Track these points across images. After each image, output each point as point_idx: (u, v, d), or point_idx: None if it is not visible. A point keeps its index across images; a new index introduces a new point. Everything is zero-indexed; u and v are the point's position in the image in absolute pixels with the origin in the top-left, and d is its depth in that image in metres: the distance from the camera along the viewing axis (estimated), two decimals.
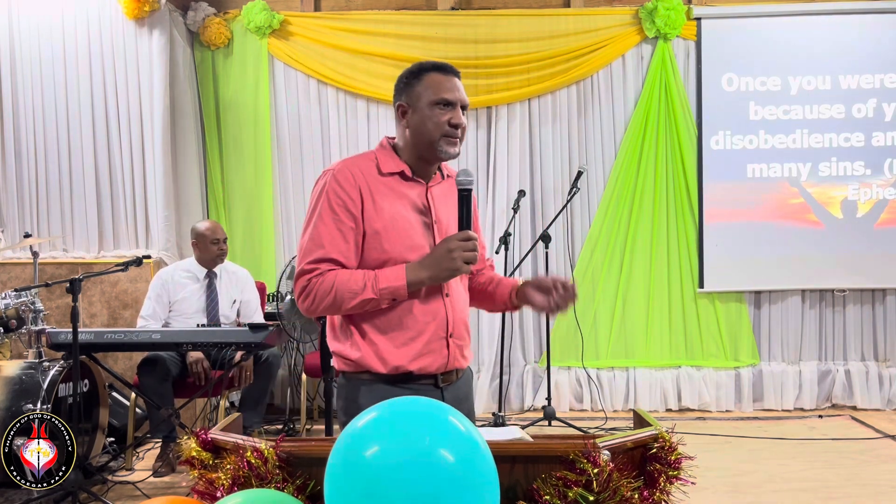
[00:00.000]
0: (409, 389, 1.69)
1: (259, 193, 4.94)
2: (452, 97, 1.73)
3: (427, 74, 1.75)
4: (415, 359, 1.70)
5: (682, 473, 1.28)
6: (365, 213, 1.69)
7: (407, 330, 1.69)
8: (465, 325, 1.81)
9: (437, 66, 1.77)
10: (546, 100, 4.95)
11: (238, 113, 4.95)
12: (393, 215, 1.70)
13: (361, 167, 1.74)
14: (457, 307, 1.78)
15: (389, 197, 1.72)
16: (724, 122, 4.89)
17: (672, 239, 4.93)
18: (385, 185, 1.73)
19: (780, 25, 4.85)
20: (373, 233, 1.69)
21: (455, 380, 1.81)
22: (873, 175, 4.87)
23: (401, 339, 1.69)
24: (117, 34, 4.59)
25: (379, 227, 1.69)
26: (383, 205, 1.70)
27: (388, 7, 4.96)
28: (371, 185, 1.72)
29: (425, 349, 1.71)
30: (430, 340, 1.71)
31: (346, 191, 1.69)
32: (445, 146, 1.73)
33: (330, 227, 1.68)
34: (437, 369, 1.73)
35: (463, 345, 1.79)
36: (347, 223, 1.68)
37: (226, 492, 1.22)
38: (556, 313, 1.81)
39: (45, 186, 4.66)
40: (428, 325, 1.71)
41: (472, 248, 1.65)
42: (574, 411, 4.91)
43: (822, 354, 5.00)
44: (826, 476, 3.63)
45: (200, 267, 3.97)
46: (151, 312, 3.85)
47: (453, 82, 1.76)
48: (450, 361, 1.75)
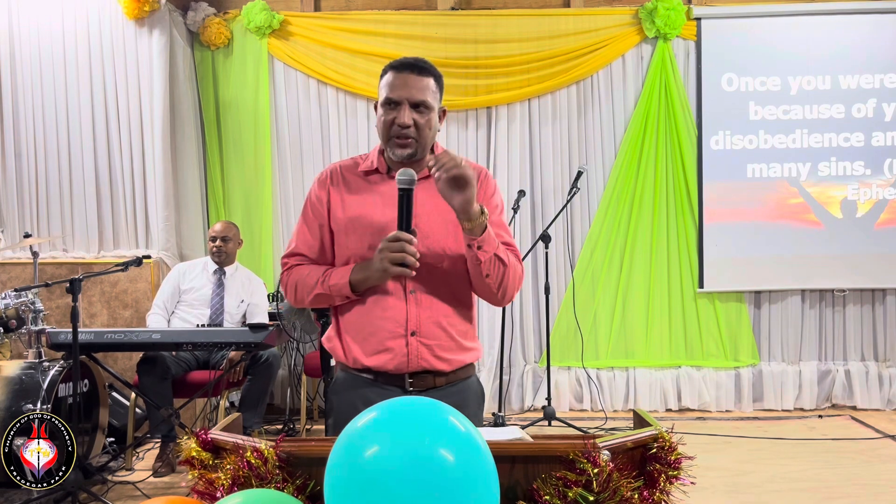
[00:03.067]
0: (376, 387, 1.71)
1: (259, 193, 4.94)
2: (396, 95, 1.66)
3: (385, 74, 1.72)
4: (371, 355, 1.70)
5: (682, 473, 1.28)
6: (331, 211, 1.76)
7: (365, 326, 1.71)
8: (443, 325, 1.71)
9: (395, 64, 1.71)
10: (546, 100, 4.95)
11: (238, 113, 4.96)
12: (359, 214, 1.72)
13: (345, 166, 1.80)
14: (428, 306, 1.70)
15: (363, 195, 1.74)
16: (724, 122, 4.89)
17: (672, 239, 4.94)
18: (365, 183, 1.76)
19: (780, 25, 4.85)
20: (338, 230, 1.75)
21: (435, 385, 1.71)
22: (873, 175, 4.87)
23: (360, 334, 1.72)
24: (117, 34, 4.59)
25: (342, 225, 1.74)
26: (352, 203, 1.74)
27: (388, 7, 4.96)
28: (347, 183, 1.76)
29: (380, 346, 1.69)
30: (385, 338, 1.69)
31: (316, 190, 1.79)
32: (394, 148, 1.70)
33: (301, 224, 1.81)
34: (396, 368, 1.68)
35: (434, 345, 1.70)
36: (315, 220, 1.78)
37: (226, 492, 1.22)
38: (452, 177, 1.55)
39: (45, 186, 4.66)
40: (384, 323, 1.69)
41: (398, 248, 1.57)
42: (574, 411, 4.91)
43: (821, 354, 5.00)
44: (826, 476, 3.63)
45: (213, 263, 4.13)
46: (162, 303, 4.05)
47: (404, 79, 1.67)
48: (411, 361, 1.68)
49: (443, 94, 1.78)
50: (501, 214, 1.81)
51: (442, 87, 1.77)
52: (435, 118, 1.73)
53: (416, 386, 1.70)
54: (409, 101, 1.66)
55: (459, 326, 1.75)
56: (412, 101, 1.67)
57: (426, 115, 1.69)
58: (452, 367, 1.74)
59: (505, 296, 1.73)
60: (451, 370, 1.74)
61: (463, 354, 1.76)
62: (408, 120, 1.66)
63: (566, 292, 4.93)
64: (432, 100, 1.70)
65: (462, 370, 1.78)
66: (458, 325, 1.75)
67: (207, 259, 4.18)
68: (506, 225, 1.80)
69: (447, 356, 1.72)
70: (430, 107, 1.69)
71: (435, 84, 1.72)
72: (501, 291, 1.71)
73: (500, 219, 1.78)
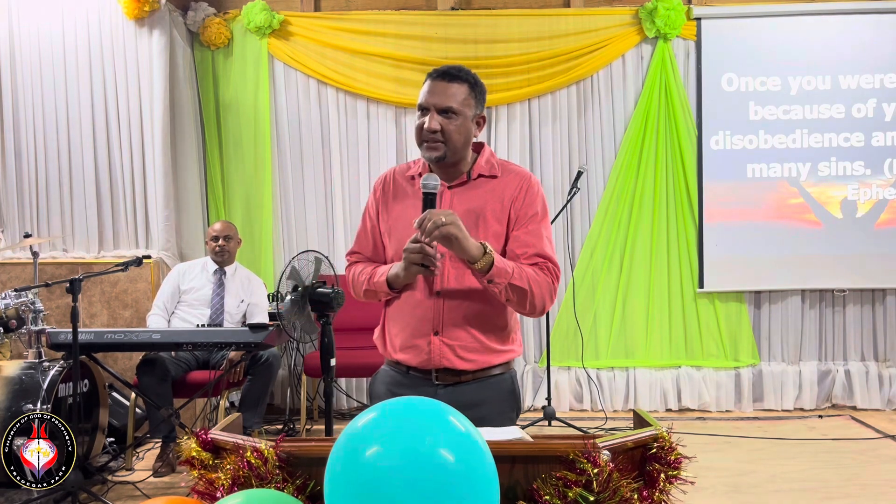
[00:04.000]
0: (408, 379, 1.83)
1: (259, 193, 4.94)
2: (424, 102, 1.78)
3: (424, 82, 1.82)
4: (400, 350, 1.82)
5: (681, 473, 1.28)
6: (380, 214, 1.90)
7: (398, 322, 1.83)
8: (468, 326, 1.76)
9: (431, 72, 1.81)
10: (546, 100, 4.95)
11: (238, 113, 4.95)
12: (400, 215, 1.84)
13: (398, 170, 1.93)
14: (454, 307, 1.76)
15: (407, 198, 1.85)
16: (724, 122, 4.89)
17: (672, 239, 4.93)
18: (409, 187, 1.87)
19: (780, 25, 4.85)
20: (385, 231, 1.88)
21: (461, 382, 1.78)
22: (873, 175, 4.87)
23: (395, 329, 1.84)
24: (117, 34, 4.58)
25: (387, 227, 1.87)
26: (396, 206, 1.86)
27: (388, 7, 4.96)
28: (397, 187, 1.89)
29: (408, 343, 1.80)
30: (413, 335, 1.79)
31: (373, 194, 1.94)
32: (424, 151, 1.80)
33: (360, 226, 1.97)
34: (420, 364, 1.78)
35: (457, 345, 1.76)
36: (368, 222, 1.93)
37: (226, 492, 1.22)
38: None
39: (45, 186, 4.66)
40: (413, 321, 1.79)
41: (416, 250, 1.65)
42: (574, 411, 4.91)
43: (822, 354, 4.99)
44: (826, 476, 3.63)
45: (213, 263, 4.13)
46: (162, 304, 4.05)
47: (432, 86, 1.77)
48: (433, 359, 1.76)
49: (483, 100, 1.83)
50: (542, 222, 1.82)
51: (479, 93, 1.82)
52: (467, 124, 1.78)
53: (442, 380, 1.79)
54: (436, 107, 1.75)
55: (488, 329, 1.79)
56: (438, 108, 1.75)
57: (455, 121, 1.76)
58: (477, 367, 1.79)
59: (534, 311, 1.78)
60: (476, 369, 1.79)
61: (490, 356, 1.80)
62: (434, 125, 1.75)
63: (566, 292, 4.93)
64: (462, 106, 1.77)
65: (490, 369, 1.81)
66: (486, 327, 1.79)
67: (207, 259, 4.18)
68: (542, 233, 1.81)
69: (470, 357, 1.77)
70: (458, 112, 1.76)
71: (469, 90, 1.79)
72: (529, 309, 1.77)
73: (538, 227, 1.81)
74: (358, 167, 4.97)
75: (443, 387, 1.78)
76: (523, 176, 1.84)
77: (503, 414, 1.81)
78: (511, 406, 1.86)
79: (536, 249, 1.77)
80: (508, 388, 1.85)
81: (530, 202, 1.81)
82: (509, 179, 1.82)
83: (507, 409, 1.84)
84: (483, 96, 1.83)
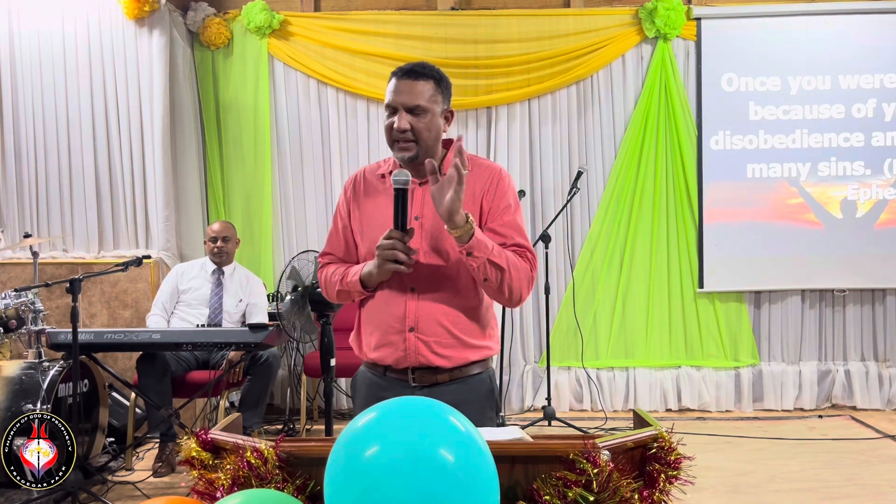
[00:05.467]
0: (385, 381, 1.80)
1: (259, 193, 4.94)
2: (391, 101, 1.75)
3: (389, 81, 1.78)
4: (375, 349, 1.80)
5: (681, 473, 1.28)
6: (351, 213, 1.88)
7: (373, 321, 1.81)
8: (444, 322, 1.74)
9: (395, 71, 1.78)
10: (546, 100, 4.95)
11: (238, 113, 4.95)
12: (371, 214, 1.83)
13: (368, 170, 1.91)
14: (429, 303, 1.74)
15: (379, 196, 1.83)
16: (724, 122, 4.89)
17: (672, 239, 4.93)
18: (380, 185, 1.85)
19: (780, 25, 4.85)
20: (357, 231, 1.87)
21: (438, 383, 1.75)
22: (873, 175, 4.87)
23: (370, 328, 1.82)
24: (117, 34, 4.59)
25: (358, 226, 1.86)
26: (367, 205, 1.85)
27: (388, 7, 4.96)
28: (368, 186, 1.87)
29: (382, 341, 1.78)
30: (387, 332, 1.77)
31: (343, 194, 1.92)
32: (397, 152, 1.77)
33: (332, 227, 1.94)
34: (396, 362, 1.76)
35: (432, 341, 1.73)
36: (339, 222, 1.91)
37: (226, 492, 1.22)
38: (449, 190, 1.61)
39: (45, 186, 4.66)
40: (388, 318, 1.77)
41: (389, 247, 1.64)
42: (574, 411, 4.91)
43: (821, 354, 4.99)
44: (826, 476, 3.63)
45: (211, 263, 4.14)
46: (161, 304, 4.05)
47: (398, 85, 1.74)
48: (409, 356, 1.74)
49: (448, 95, 1.81)
50: (516, 214, 1.81)
51: (445, 88, 1.80)
52: (436, 120, 1.76)
53: (419, 381, 1.76)
54: (404, 106, 1.73)
55: (463, 324, 1.77)
56: (406, 106, 1.72)
57: (423, 119, 1.73)
58: (454, 364, 1.76)
59: (511, 298, 1.73)
60: (452, 367, 1.76)
61: (466, 351, 1.77)
62: (404, 124, 1.72)
63: (566, 292, 4.93)
64: (430, 103, 1.74)
65: (467, 367, 1.79)
66: (462, 322, 1.76)
67: (206, 259, 4.18)
68: (518, 224, 1.80)
69: (446, 353, 1.75)
70: (426, 110, 1.73)
71: (435, 86, 1.76)
72: (507, 294, 1.71)
73: (513, 219, 1.79)
74: (358, 167, 4.92)
75: (420, 388, 1.75)
76: (493, 169, 1.83)
77: (483, 414, 1.79)
78: (490, 406, 1.84)
79: (515, 240, 1.76)
80: (487, 388, 1.84)
81: (502, 195, 1.80)
82: (479, 173, 1.80)
83: (486, 409, 1.82)
84: (449, 91, 1.81)
